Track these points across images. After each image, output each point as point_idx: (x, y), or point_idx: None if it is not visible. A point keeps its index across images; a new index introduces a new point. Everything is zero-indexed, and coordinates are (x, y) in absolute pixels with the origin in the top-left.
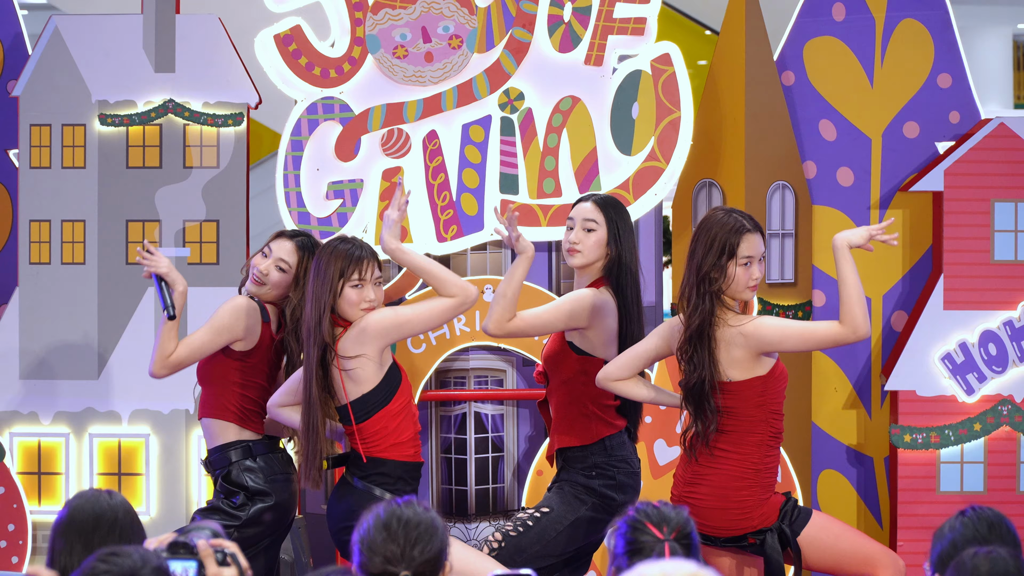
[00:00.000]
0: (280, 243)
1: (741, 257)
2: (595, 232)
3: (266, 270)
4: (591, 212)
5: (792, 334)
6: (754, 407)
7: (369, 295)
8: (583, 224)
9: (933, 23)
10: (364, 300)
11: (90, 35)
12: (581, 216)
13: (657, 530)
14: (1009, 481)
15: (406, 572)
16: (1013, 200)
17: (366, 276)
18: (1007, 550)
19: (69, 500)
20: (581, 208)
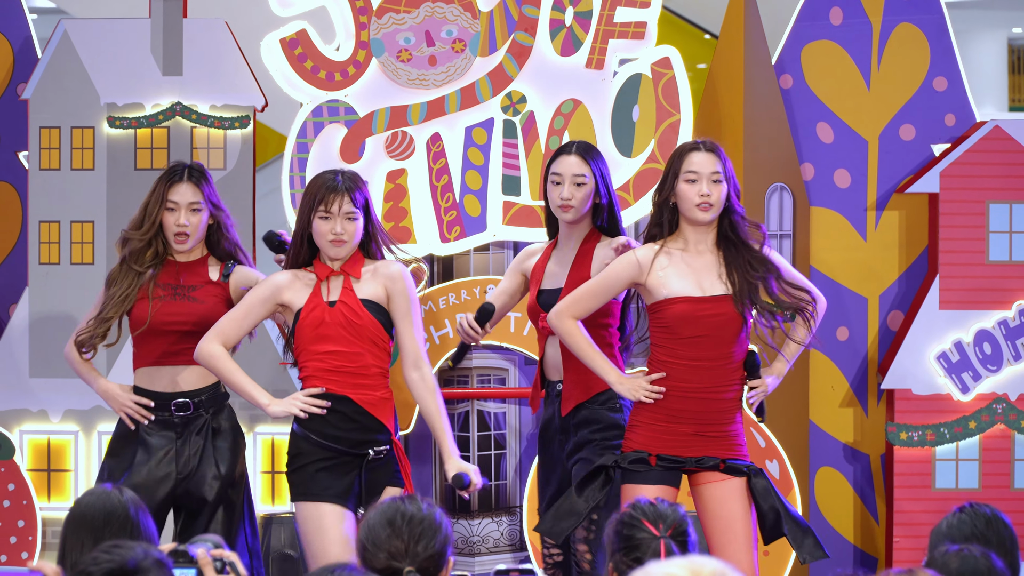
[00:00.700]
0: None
1: (684, 172)
2: (585, 186)
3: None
4: (579, 166)
5: None
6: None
7: (336, 228)
8: (573, 179)
9: (929, 27)
10: (331, 232)
11: (99, 39)
12: (570, 172)
13: (653, 527)
14: (1004, 478)
15: (410, 568)
16: (1008, 202)
17: (332, 210)
18: (979, 548)
19: (79, 497)
20: (567, 162)
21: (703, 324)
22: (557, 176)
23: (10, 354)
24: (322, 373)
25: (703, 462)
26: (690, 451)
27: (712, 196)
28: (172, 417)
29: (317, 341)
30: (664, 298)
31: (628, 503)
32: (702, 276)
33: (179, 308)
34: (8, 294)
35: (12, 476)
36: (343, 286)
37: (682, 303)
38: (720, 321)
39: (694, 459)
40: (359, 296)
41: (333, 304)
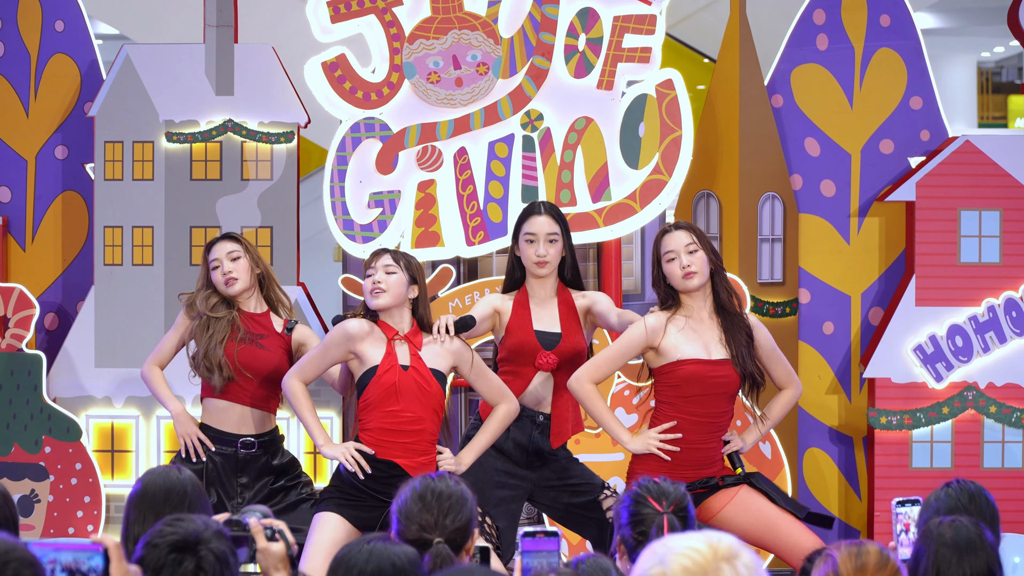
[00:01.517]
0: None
1: (664, 254)
2: (556, 243)
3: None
4: (551, 225)
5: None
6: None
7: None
8: (546, 238)
9: (906, 52)
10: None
11: (158, 62)
12: (543, 231)
13: (657, 503)
14: (974, 459)
15: (439, 539)
16: (977, 209)
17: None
18: (969, 519)
19: (142, 475)
20: (539, 222)
21: (708, 384)
22: (531, 236)
23: (78, 346)
24: (382, 432)
25: (693, 485)
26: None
27: (692, 265)
28: (236, 453)
29: (387, 401)
30: (676, 359)
31: (634, 483)
32: (707, 341)
33: (255, 355)
34: (76, 292)
35: (79, 456)
36: (410, 352)
37: (692, 364)
38: (723, 382)
39: (699, 482)
40: (429, 366)
41: (406, 368)
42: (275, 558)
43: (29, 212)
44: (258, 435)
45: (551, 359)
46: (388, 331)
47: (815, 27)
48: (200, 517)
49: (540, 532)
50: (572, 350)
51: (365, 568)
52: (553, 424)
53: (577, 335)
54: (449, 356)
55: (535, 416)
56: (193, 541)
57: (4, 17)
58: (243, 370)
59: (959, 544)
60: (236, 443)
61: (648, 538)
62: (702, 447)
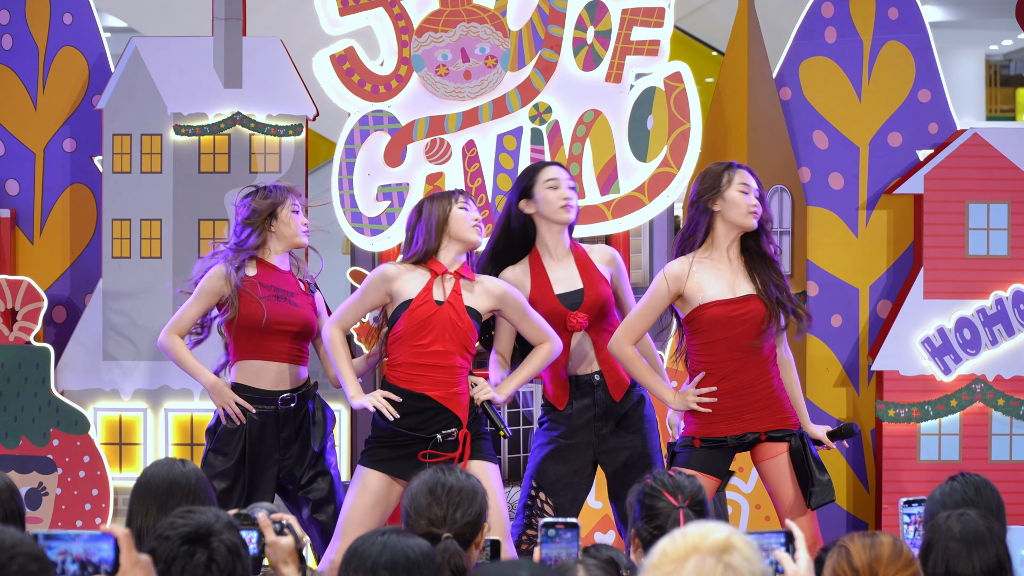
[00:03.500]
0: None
1: (737, 184)
2: (576, 192)
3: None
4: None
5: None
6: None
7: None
8: (569, 183)
9: (914, 45)
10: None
11: (166, 55)
12: (565, 177)
13: (672, 497)
14: (982, 451)
15: (448, 535)
16: (985, 202)
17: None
18: (978, 512)
19: (146, 467)
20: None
21: (735, 323)
22: (554, 181)
23: (86, 339)
24: (411, 367)
25: (743, 439)
26: (729, 431)
27: (758, 207)
28: (276, 410)
29: (416, 335)
30: (700, 304)
31: (648, 475)
32: (731, 280)
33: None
34: (84, 285)
35: (87, 449)
36: (453, 288)
37: (715, 307)
38: (749, 317)
39: (734, 437)
40: (465, 303)
41: (441, 303)
42: (284, 552)
43: (37, 205)
44: (294, 389)
45: (581, 318)
46: (437, 267)
47: (823, 20)
48: (212, 509)
49: (559, 524)
50: (599, 302)
51: (379, 560)
52: (608, 377)
53: (599, 285)
54: (491, 299)
55: (591, 378)
56: (205, 533)
57: (12, 10)
58: (278, 326)
59: (968, 537)
60: (276, 400)
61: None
62: (743, 390)
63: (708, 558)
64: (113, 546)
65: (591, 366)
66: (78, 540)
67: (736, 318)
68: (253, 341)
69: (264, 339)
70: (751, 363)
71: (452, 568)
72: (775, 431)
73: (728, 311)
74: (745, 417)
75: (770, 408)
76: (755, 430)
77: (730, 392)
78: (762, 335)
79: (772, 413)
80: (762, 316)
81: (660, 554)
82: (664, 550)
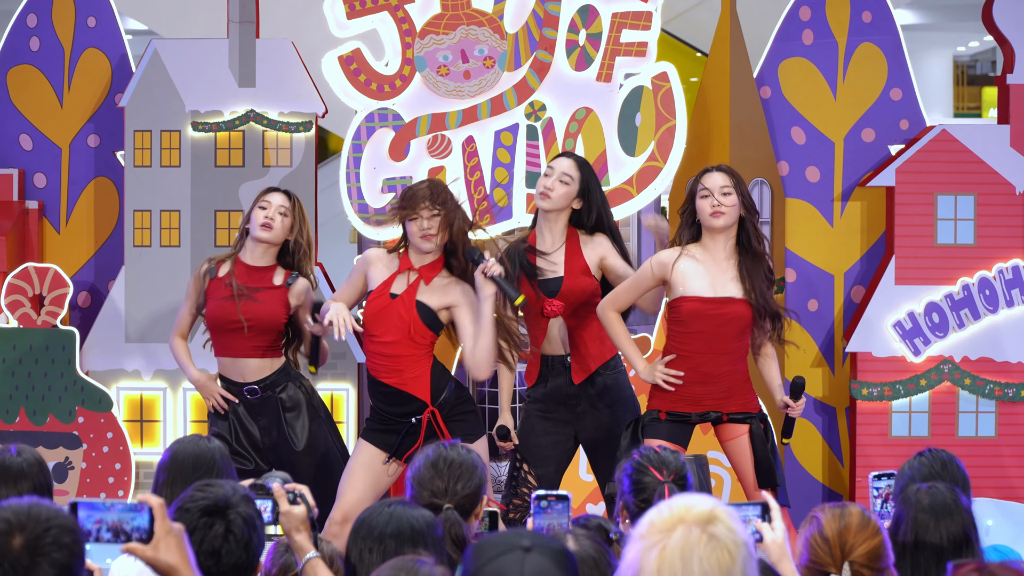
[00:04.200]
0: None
1: (700, 190)
2: (568, 186)
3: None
4: (569, 168)
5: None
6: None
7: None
8: (560, 176)
9: (887, 46)
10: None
11: (184, 56)
12: (560, 169)
13: (658, 472)
14: (949, 428)
15: (448, 505)
16: (953, 194)
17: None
18: (945, 485)
19: (173, 443)
20: (561, 162)
21: (710, 320)
22: (550, 169)
23: (109, 323)
24: (371, 355)
25: (707, 416)
26: (695, 408)
27: (722, 206)
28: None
29: (371, 325)
30: (680, 296)
31: (636, 452)
32: (717, 280)
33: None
34: (107, 272)
35: (110, 426)
36: (412, 284)
37: (692, 302)
38: (728, 319)
39: (698, 414)
40: (418, 298)
41: (394, 297)
42: (296, 520)
43: (63, 197)
44: (260, 381)
45: (556, 306)
46: (405, 262)
47: (801, 23)
48: (229, 482)
49: (551, 495)
50: (576, 292)
51: (385, 529)
52: (574, 361)
53: (580, 277)
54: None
55: (564, 359)
56: (223, 506)
57: (39, 14)
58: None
59: (936, 509)
60: (243, 391)
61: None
62: (714, 380)
63: (694, 528)
64: (148, 515)
65: (564, 348)
66: (113, 509)
67: (713, 316)
68: (216, 337)
69: (222, 336)
70: (721, 358)
71: (452, 536)
72: (736, 413)
73: (705, 308)
74: (706, 403)
75: (733, 395)
76: (719, 410)
77: (696, 381)
78: (738, 336)
79: (734, 397)
80: (744, 319)
81: (648, 525)
82: (652, 521)
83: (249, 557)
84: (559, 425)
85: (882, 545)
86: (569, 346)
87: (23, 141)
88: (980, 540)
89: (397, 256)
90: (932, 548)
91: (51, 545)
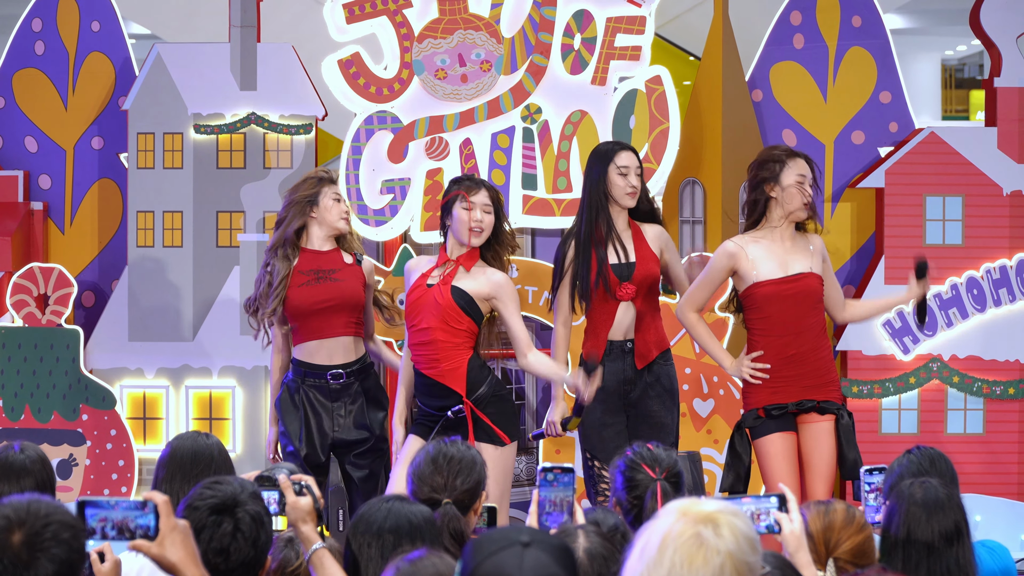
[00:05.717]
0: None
1: (797, 175)
2: (644, 180)
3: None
4: (639, 162)
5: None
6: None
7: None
8: (637, 171)
9: (876, 50)
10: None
11: (186, 60)
12: (635, 164)
13: (650, 470)
14: (938, 425)
15: (447, 500)
16: (941, 195)
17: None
18: (938, 480)
19: (171, 440)
20: (632, 158)
21: (787, 299)
22: (624, 168)
23: (113, 322)
24: (412, 347)
25: (802, 404)
26: (791, 398)
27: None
28: (328, 384)
29: (410, 316)
30: (753, 282)
31: (629, 449)
32: (784, 259)
33: (330, 288)
34: (111, 272)
35: (113, 423)
36: (449, 272)
37: (767, 286)
38: (803, 294)
39: (794, 403)
40: (455, 283)
41: (431, 286)
42: (302, 511)
43: (68, 198)
44: (346, 365)
45: (629, 289)
46: (442, 257)
47: (792, 27)
48: (237, 479)
49: (556, 468)
50: (648, 277)
51: (384, 524)
52: (637, 345)
53: (650, 263)
54: (488, 285)
55: (623, 344)
56: (231, 504)
57: (44, 18)
58: (320, 306)
59: (928, 503)
60: (326, 375)
61: (643, 502)
62: (801, 360)
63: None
64: (154, 513)
65: (628, 334)
66: (118, 507)
67: (789, 296)
68: (301, 324)
69: (308, 320)
70: (804, 335)
71: (451, 531)
72: (826, 402)
73: (781, 289)
74: (804, 383)
75: (821, 380)
76: (812, 398)
77: (783, 364)
78: (813, 309)
79: (823, 386)
80: (816, 292)
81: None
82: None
83: (257, 554)
84: (616, 414)
85: (867, 541)
86: (635, 331)
87: (28, 143)
88: (972, 535)
89: (433, 256)
90: (924, 542)
91: (50, 541)
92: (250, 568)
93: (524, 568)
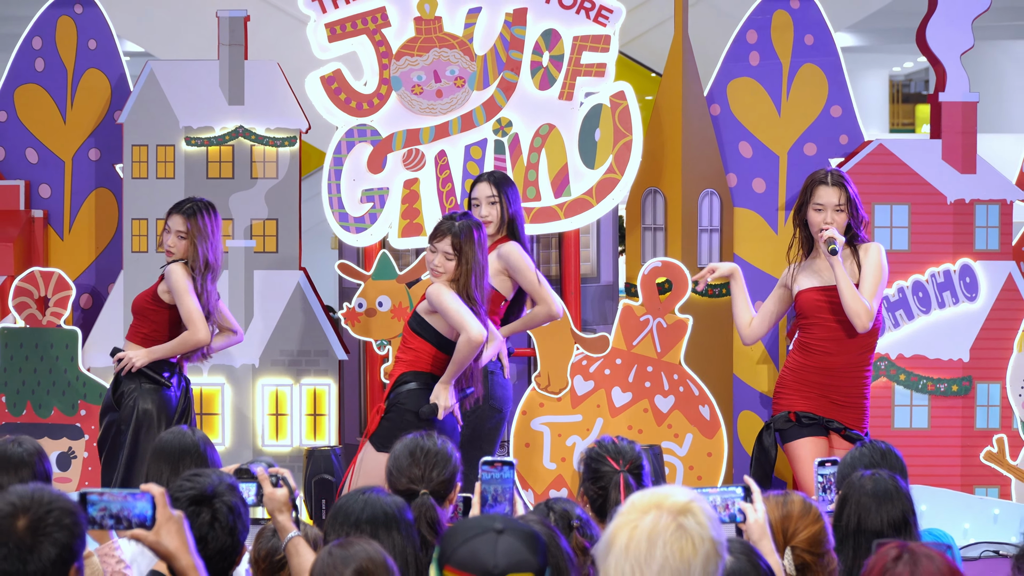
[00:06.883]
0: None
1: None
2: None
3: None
4: (448, 245)
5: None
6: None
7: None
8: (834, 207)
9: (827, 67)
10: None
11: (178, 76)
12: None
13: (614, 462)
14: (886, 420)
15: (424, 491)
16: (889, 203)
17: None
18: (888, 472)
19: (160, 435)
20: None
21: (824, 307)
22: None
23: (109, 323)
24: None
25: (831, 424)
26: (822, 412)
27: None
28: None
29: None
30: (796, 292)
31: (595, 440)
32: (824, 273)
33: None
34: (108, 276)
35: None
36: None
37: (808, 292)
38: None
39: (825, 419)
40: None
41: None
42: (279, 502)
43: (66, 206)
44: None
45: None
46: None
47: (748, 45)
48: (215, 472)
49: (498, 461)
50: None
51: (361, 515)
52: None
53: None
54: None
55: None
56: (209, 495)
57: (44, 37)
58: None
59: (878, 494)
60: None
61: (607, 493)
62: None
63: (666, 515)
64: (150, 503)
65: None
66: (116, 499)
67: (828, 303)
68: None
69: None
70: (845, 350)
71: (427, 520)
72: (853, 430)
73: (819, 297)
74: (832, 397)
75: (851, 404)
76: (841, 421)
77: (818, 371)
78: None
79: (854, 412)
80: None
81: (630, 504)
82: (634, 502)
83: (234, 542)
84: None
85: (823, 531)
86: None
87: (29, 155)
88: (918, 524)
89: None
90: (873, 531)
91: (53, 526)
92: (227, 555)
93: (498, 553)
